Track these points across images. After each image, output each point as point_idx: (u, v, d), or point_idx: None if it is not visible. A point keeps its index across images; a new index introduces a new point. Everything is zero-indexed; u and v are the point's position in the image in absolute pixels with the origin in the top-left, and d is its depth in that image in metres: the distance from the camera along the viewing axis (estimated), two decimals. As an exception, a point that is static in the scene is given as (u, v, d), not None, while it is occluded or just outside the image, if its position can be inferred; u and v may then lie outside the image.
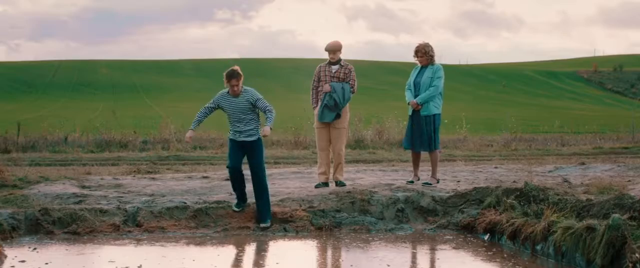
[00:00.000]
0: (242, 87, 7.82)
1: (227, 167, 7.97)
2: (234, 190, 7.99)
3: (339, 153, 9.03)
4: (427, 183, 9.02)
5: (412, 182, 9.15)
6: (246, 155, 7.92)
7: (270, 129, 7.70)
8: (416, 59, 9.00)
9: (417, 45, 8.98)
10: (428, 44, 8.95)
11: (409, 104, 8.91)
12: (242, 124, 7.81)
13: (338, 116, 8.93)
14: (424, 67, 8.95)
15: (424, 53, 8.89)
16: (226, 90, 7.86)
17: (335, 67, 8.98)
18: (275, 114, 7.78)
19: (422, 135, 8.86)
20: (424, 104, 8.80)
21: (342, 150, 9.15)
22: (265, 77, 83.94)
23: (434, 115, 8.86)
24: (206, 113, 7.93)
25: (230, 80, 7.74)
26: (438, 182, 9.20)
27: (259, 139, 7.90)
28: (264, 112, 7.80)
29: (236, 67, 7.78)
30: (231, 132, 7.94)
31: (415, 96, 8.85)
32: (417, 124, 8.87)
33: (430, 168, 9.34)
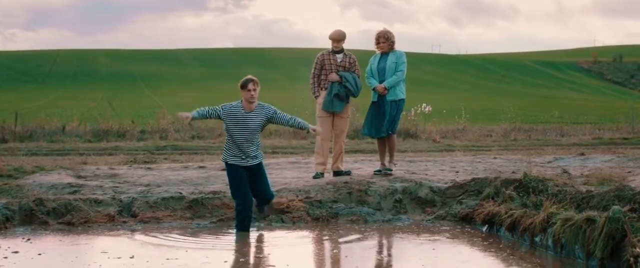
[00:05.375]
0: (257, 101, 7.05)
1: (239, 204, 7.02)
2: (243, 228, 7.02)
3: (342, 142, 8.98)
4: (388, 170, 8.94)
5: (380, 171, 9.03)
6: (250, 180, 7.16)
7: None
8: (377, 46, 8.91)
9: (377, 32, 8.91)
10: (389, 30, 8.90)
11: (374, 89, 8.83)
12: (248, 145, 7.03)
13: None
14: (384, 54, 8.89)
15: (386, 39, 8.84)
16: (239, 102, 7.06)
17: (340, 56, 8.90)
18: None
19: (385, 120, 8.78)
20: (390, 89, 8.74)
21: (345, 140, 9.12)
22: (263, 67, 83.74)
23: (401, 99, 8.82)
24: (212, 113, 7.04)
25: (247, 85, 6.90)
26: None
27: (262, 162, 7.24)
28: (289, 122, 7.14)
29: (251, 76, 7.07)
30: (230, 155, 7.07)
31: (380, 82, 8.79)
32: (381, 109, 8.80)
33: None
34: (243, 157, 7.06)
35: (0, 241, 6.34)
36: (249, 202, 7.09)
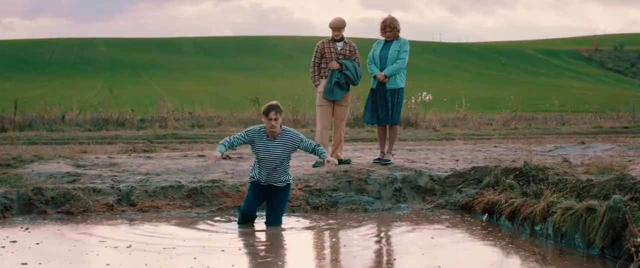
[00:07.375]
0: (281, 126, 6.74)
1: (240, 209, 7.01)
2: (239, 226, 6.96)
3: (341, 131, 8.95)
4: (386, 161, 8.89)
5: (379, 159, 9.01)
6: (266, 199, 6.99)
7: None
8: (384, 34, 8.86)
9: (383, 19, 8.84)
10: (395, 18, 8.84)
11: (374, 77, 8.79)
12: (272, 173, 6.82)
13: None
14: (388, 41, 8.84)
15: (392, 28, 8.79)
16: (263, 127, 6.78)
17: (340, 44, 8.86)
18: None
19: (386, 108, 8.75)
20: (390, 77, 8.70)
21: (344, 129, 9.11)
22: (262, 55, 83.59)
23: (400, 88, 8.78)
24: (238, 142, 6.83)
25: (269, 113, 6.57)
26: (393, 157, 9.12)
27: (288, 185, 7.00)
28: (314, 150, 6.83)
29: (276, 102, 6.75)
30: (255, 174, 6.91)
31: (381, 70, 8.75)
32: (381, 97, 8.76)
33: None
34: (263, 181, 6.87)
35: (-2, 230, 6.32)
36: (252, 213, 6.94)
